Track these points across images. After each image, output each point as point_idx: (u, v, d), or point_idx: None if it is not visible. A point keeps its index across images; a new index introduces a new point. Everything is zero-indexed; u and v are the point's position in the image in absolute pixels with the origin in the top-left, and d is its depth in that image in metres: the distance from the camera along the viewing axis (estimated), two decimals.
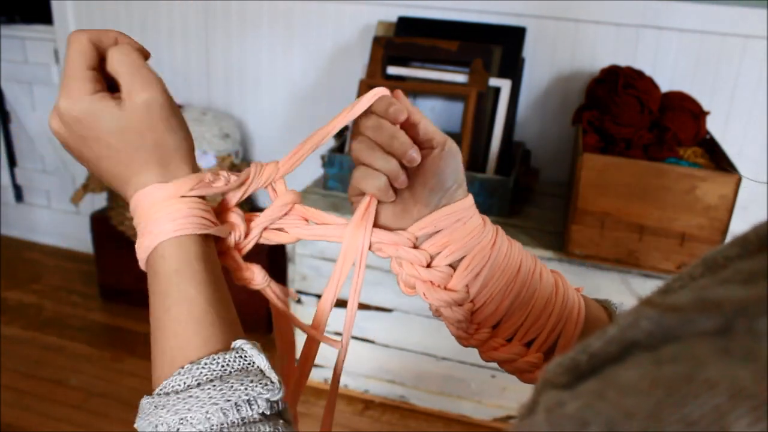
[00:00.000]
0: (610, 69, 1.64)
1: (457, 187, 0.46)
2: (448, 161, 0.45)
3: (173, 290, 0.41)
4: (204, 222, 0.42)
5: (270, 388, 0.38)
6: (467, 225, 0.46)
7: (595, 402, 0.20)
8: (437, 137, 0.45)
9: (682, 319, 0.21)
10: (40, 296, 2.30)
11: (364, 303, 1.69)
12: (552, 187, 1.90)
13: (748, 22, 1.68)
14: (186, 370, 0.38)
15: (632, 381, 0.20)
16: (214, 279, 0.42)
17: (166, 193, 0.42)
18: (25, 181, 2.62)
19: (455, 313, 0.46)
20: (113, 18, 2.23)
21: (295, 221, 0.47)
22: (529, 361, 0.47)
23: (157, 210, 0.42)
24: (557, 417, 0.21)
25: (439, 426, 1.75)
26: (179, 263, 0.41)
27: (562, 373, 0.23)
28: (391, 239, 0.46)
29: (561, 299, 0.47)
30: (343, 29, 2.00)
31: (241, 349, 0.40)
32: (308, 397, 1.82)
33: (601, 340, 0.23)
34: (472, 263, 0.45)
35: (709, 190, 1.32)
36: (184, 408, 0.37)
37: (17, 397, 1.81)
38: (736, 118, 1.77)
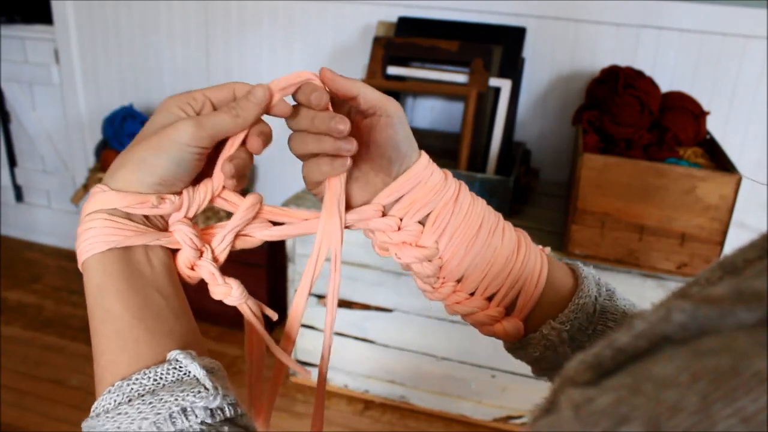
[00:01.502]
0: (610, 69, 1.64)
1: (412, 150, 0.47)
2: (397, 128, 0.45)
3: (97, 307, 0.41)
4: (128, 236, 0.42)
5: (204, 395, 0.37)
6: (428, 183, 0.47)
7: (630, 397, 0.19)
8: (379, 104, 0.45)
9: (720, 312, 0.20)
10: (40, 296, 2.30)
11: (364, 303, 1.70)
12: (552, 187, 1.90)
13: (748, 22, 1.68)
14: (116, 387, 0.37)
15: (670, 374, 0.19)
16: (145, 292, 0.41)
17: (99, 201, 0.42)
18: (25, 181, 2.62)
19: (426, 268, 0.48)
20: (113, 18, 2.23)
21: (265, 224, 0.48)
22: (489, 315, 0.49)
23: (89, 221, 0.42)
24: (587, 414, 0.20)
25: (439, 426, 1.75)
26: (101, 280, 0.41)
27: (584, 371, 0.23)
28: (360, 216, 0.47)
29: (522, 257, 0.48)
30: (343, 29, 2.00)
31: (175, 360, 0.39)
32: (308, 397, 1.82)
33: (629, 335, 0.23)
34: (438, 218, 0.47)
35: (709, 190, 1.32)
36: (114, 426, 0.36)
37: (17, 397, 1.81)
38: (736, 118, 1.77)
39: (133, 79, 2.28)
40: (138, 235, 0.43)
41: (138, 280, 0.42)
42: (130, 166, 0.42)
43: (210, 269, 0.46)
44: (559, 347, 0.48)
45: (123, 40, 2.25)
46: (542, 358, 0.49)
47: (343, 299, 1.71)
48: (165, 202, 0.43)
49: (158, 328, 0.41)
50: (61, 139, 2.47)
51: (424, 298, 1.61)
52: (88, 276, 0.42)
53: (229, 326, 2.02)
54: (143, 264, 0.43)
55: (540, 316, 0.49)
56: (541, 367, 0.52)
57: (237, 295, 0.47)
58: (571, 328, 0.48)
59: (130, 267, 0.42)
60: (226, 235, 0.47)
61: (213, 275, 0.46)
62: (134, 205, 0.42)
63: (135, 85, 2.28)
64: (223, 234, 0.47)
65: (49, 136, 2.49)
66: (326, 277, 0.51)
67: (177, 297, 0.44)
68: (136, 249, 0.43)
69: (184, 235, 0.45)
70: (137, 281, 0.42)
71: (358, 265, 1.66)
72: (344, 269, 1.68)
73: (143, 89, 2.27)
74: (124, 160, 0.43)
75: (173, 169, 0.43)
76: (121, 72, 2.29)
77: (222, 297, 0.47)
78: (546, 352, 0.49)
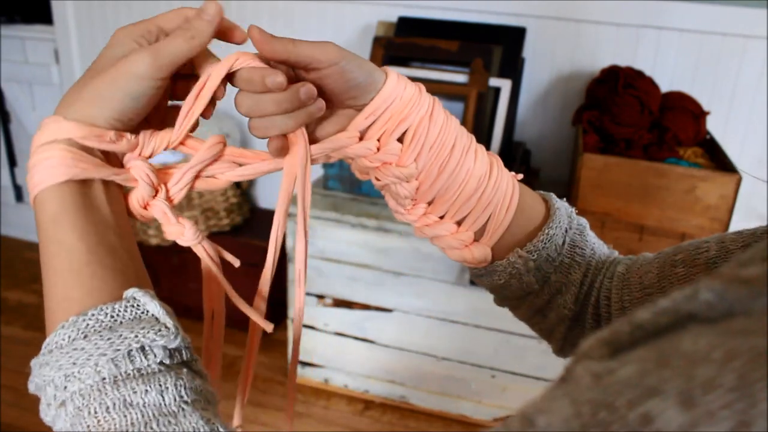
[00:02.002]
0: (610, 69, 1.64)
1: (376, 76, 0.44)
2: (350, 70, 0.42)
3: (51, 241, 0.38)
4: (86, 168, 0.40)
5: (164, 334, 0.35)
6: (403, 98, 0.44)
7: (658, 370, 0.19)
8: (317, 57, 0.41)
9: (752, 293, 0.20)
10: (40, 296, 2.28)
11: (364, 303, 1.70)
12: (552, 187, 1.88)
13: (748, 22, 1.68)
14: (70, 323, 0.35)
15: (702, 350, 0.18)
16: (102, 228, 0.39)
17: (53, 130, 0.40)
18: (25, 181, 2.62)
19: (404, 188, 0.46)
20: (113, 18, 2.23)
21: (227, 165, 0.45)
22: (459, 239, 0.48)
23: (37, 148, 0.40)
24: (609, 383, 0.19)
25: (439, 426, 1.75)
26: (56, 212, 0.38)
27: (599, 347, 0.22)
28: (335, 144, 0.44)
29: (493, 181, 0.47)
30: (343, 29, 2.00)
31: (132, 298, 0.37)
32: (308, 397, 1.82)
33: (650, 312, 0.22)
34: (416, 135, 0.45)
35: (709, 190, 1.32)
36: (69, 362, 0.34)
37: (17, 397, 1.81)
38: (736, 118, 1.77)
39: None
40: (97, 168, 0.40)
41: (95, 215, 0.40)
42: (86, 100, 0.40)
43: (162, 208, 0.43)
44: (525, 276, 0.48)
45: None
46: (506, 286, 0.49)
47: (343, 299, 1.71)
48: (122, 139, 0.41)
49: (114, 266, 0.39)
50: None
51: (424, 298, 1.61)
52: (41, 209, 0.39)
53: (229, 326, 2.01)
54: (100, 200, 0.40)
55: (508, 244, 0.49)
56: (504, 295, 0.52)
57: (190, 235, 0.44)
58: (538, 258, 0.48)
59: (87, 201, 0.40)
60: (184, 174, 0.44)
61: (165, 214, 0.43)
62: (91, 138, 0.40)
63: None
64: (182, 173, 0.44)
65: None
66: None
67: (130, 237, 0.42)
68: (93, 184, 0.40)
69: (141, 171, 0.42)
70: (94, 216, 0.39)
71: (358, 265, 1.66)
72: (344, 269, 1.68)
73: None
74: (79, 94, 0.40)
75: (130, 103, 0.40)
76: None
77: (175, 237, 0.44)
78: (511, 280, 0.49)
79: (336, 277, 1.69)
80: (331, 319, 1.74)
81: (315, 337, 1.76)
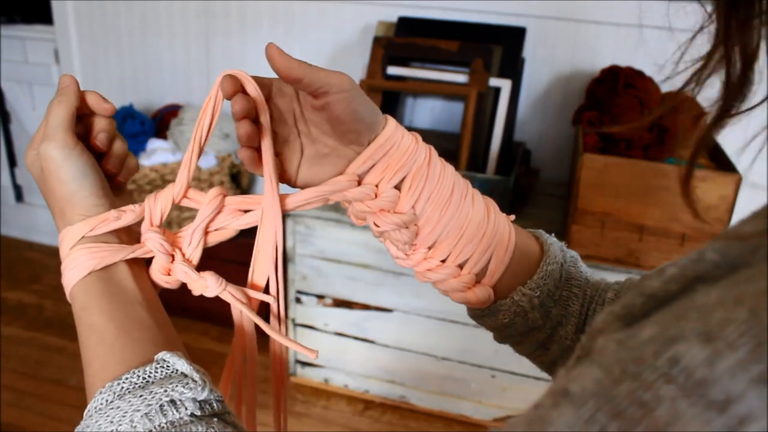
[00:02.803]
0: (610, 69, 1.64)
1: (377, 117, 0.46)
2: (357, 100, 0.43)
3: (83, 326, 0.43)
4: (104, 256, 0.44)
5: (192, 387, 0.38)
6: (401, 146, 0.46)
7: (676, 322, 0.20)
8: (329, 81, 0.43)
9: (750, 246, 0.22)
10: (40, 296, 2.30)
11: (364, 303, 1.70)
12: (552, 187, 1.90)
13: None
14: (107, 388, 0.38)
15: (713, 300, 0.20)
16: (128, 305, 0.43)
17: (69, 238, 0.45)
18: (25, 181, 2.62)
19: (403, 235, 0.47)
20: (113, 18, 2.23)
21: (234, 213, 0.47)
22: (462, 281, 0.49)
23: (63, 258, 0.45)
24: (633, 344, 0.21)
25: (439, 426, 1.75)
26: (84, 301, 0.43)
27: (613, 321, 0.24)
28: (334, 187, 0.45)
29: (492, 223, 0.48)
30: (343, 29, 2.00)
31: (162, 360, 0.40)
32: (308, 397, 1.82)
33: (660, 281, 0.23)
34: (413, 183, 0.46)
35: (709, 190, 1.32)
36: (107, 421, 0.37)
37: (17, 397, 1.81)
38: (736, 118, 1.77)
39: (133, 79, 2.28)
40: (113, 252, 0.44)
41: (120, 295, 0.43)
42: (65, 206, 0.45)
43: (183, 269, 0.46)
44: (530, 313, 0.49)
45: (123, 40, 2.25)
46: (510, 324, 0.50)
47: (343, 299, 1.71)
48: (125, 212, 0.46)
49: (142, 336, 0.42)
50: None
51: (424, 298, 1.61)
52: (74, 302, 0.44)
53: (229, 326, 2.01)
54: (125, 279, 0.45)
55: (508, 283, 0.49)
56: (507, 334, 0.52)
57: (213, 286, 0.46)
58: (541, 294, 0.49)
59: (111, 285, 0.44)
60: (193, 233, 0.47)
61: (187, 274, 0.46)
62: (99, 226, 0.45)
63: (135, 85, 2.28)
64: (190, 233, 0.47)
65: None
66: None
67: (158, 308, 0.45)
68: (116, 267, 0.45)
69: (155, 243, 0.46)
70: (119, 296, 0.43)
71: (358, 265, 1.66)
72: (344, 269, 1.68)
73: (143, 89, 2.27)
74: (58, 208, 0.46)
75: (85, 180, 0.45)
76: (121, 72, 2.29)
77: (201, 291, 0.47)
78: (515, 318, 0.49)
79: (336, 277, 1.69)
80: (331, 319, 1.74)
81: (315, 337, 1.76)
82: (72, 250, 0.44)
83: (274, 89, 0.46)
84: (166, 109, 2.21)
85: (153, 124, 2.13)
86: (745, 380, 0.18)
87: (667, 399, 0.19)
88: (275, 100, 0.46)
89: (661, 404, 0.19)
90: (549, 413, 0.21)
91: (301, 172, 0.47)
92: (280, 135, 0.47)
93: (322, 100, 0.43)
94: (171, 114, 2.16)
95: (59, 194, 0.45)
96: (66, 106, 0.45)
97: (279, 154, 0.47)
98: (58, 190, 0.45)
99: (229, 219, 0.47)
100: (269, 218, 0.46)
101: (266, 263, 0.48)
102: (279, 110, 0.47)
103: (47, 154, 0.44)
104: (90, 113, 0.48)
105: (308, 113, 0.46)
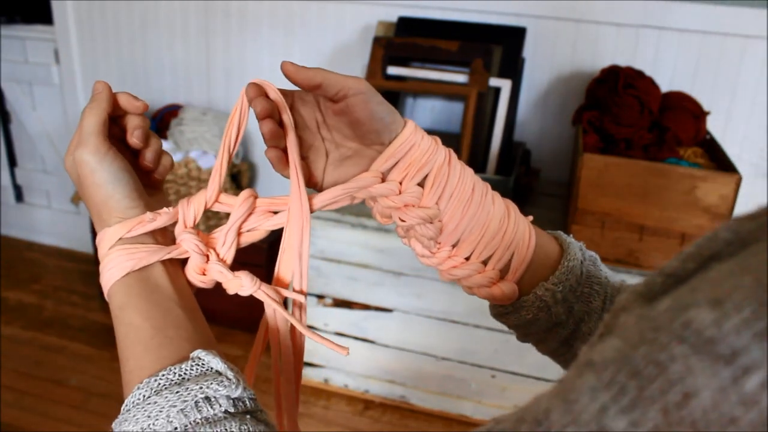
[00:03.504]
0: (610, 69, 1.64)
1: (396, 117, 0.48)
2: (374, 101, 0.46)
3: (121, 324, 0.44)
4: (142, 257, 0.46)
5: (227, 384, 0.39)
6: (421, 146, 0.48)
7: (690, 294, 0.22)
8: (346, 84, 0.46)
9: (759, 223, 0.24)
10: (40, 296, 2.30)
11: (364, 303, 1.70)
12: (552, 187, 1.90)
13: (748, 22, 1.68)
14: (144, 384, 0.40)
15: (724, 273, 0.22)
16: (164, 305, 0.45)
17: (107, 239, 0.46)
18: (25, 181, 2.62)
19: (428, 230, 0.48)
20: (113, 18, 2.23)
21: (265, 215, 0.49)
22: (487, 276, 0.50)
23: (102, 259, 0.46)
24: (651, 315, 0.23)
25: (439, 426, 1.75)
26: (122, 301, 0.45)
27: (635, 299, 0.26)
28: (360, 184, 0.48)
29: (513, 221, 0.50)
30: (343, 29, 2.00)
31: (197, 358, 0.41)
32: (308, 397, 1.82)
33: (678, 260, 0.26)
34: (436, 180, 0.48)
35: (709, 190, 1.32)
36: (144, 416, 0.38)
37: (17, 397, 1.81)
38: (736, 118, 1.77)
39: (133, 79, 2.28)
40: (150, 253, 0.46)
41: (156, 294, 0.45)
42: (103, 210, 0.47)
43: (218, 269, 0.48)
44: (553, 307, 0.50)
45: (123, 40, 2.25)
46: (534, 321, 0.51)
47: (343, 299, 1.71)
48: (160, 215, 0.47)
49: (178, 335, 0.43)
50: (61, 139, 2.47)
51: (424, 298, 1.61)
52: (111, 301, 0.45)
53: (229, 326, 2.02)
54: (161, 279, 0.46)
55: (530, 280, 0.50)
56: (529, 331, 0.53)
57: (248, 285, 0.47)
58: (563, 289, 0.50)
59: (149, 285, 0.45)
60: (226, 234, 0.49)
61: (222, 273, 0.48)
62: (135, 228, 0.46)
63: (135, 85, 2.28)
64: (224, 234, 0.49)
65: (49, 136, 2.49)
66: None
67: (194, 307, 0.47)
68: (153, 267, 0.46)
69: (190, 243, 0.47)
70: (156, 296, 0.45)
71: (358, 265, 1.66)
72: (344, 269, 1.68)
73: (143, 89, 2.27)
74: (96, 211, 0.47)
75: (114, 182, 0.46)
76: (121, 72, 2.29)
77: (236, 290, 0.48)
78: (539, 314, 0.50)
79: (336, 277, 1.69)
80: (331, 319, 1.74)
81: None
82: (110, 251, 0.46)
83: (296, 99, 0.49)
84: (166, 109, 2.21)
85: (153, 124, 2.13)
86: (749, 335, 0.19)
87: (680, 357, 0.21)
88: (298, 109, 0.49)
89: (675, 362, 0.21)
90: (573, 382, 0.23)
91: (327, 174, 0.50)
92: (305, 141, 0.50)
93: (341, 103, 0.46)
94: (171, 114, 2.16)
95: (95, 198, 0.47)
96: (97, 112, 0.46)
97: (305, 158, 0.50)
98: (94, 193, 0.46)
99: (261, 220, 0.49)
100: (295, 217, 0.48)
101: (291, 261, 0.49)
102: (302, 118, 0.50)
103: (81, 159, 0.46)
104: (123, 113, 0.49)
105: (330, 119, 0.49)
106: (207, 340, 0.45)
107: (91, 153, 0.45)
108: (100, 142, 0.46)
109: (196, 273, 0.48)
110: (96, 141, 0.46)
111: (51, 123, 2.47)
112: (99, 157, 0.45)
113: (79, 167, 0.46)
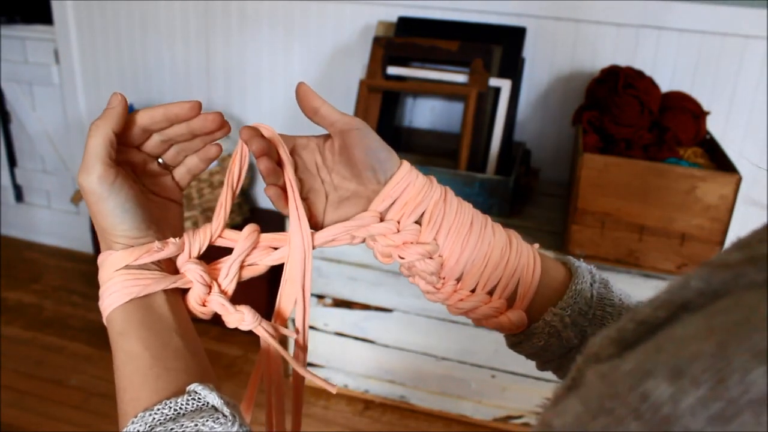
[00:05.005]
0: (610, 69, 1.64)
1: (392, 156, 0.49)
2: (370, 137, 0.48)
3: (120, 351, 0.44)
4: (146, 284, 0.45)
5: (222, 422, 0.39)
6: (416, 185, 0.49)
7: (653, 356, 0.21)
8: (343, 119, 0.48)
9: (732, 274, 0.22)
10: (40, 296, 2.30)
11: (364, 303, 1.70)
12: (552, 187, 1.90)
13: (748, 22, 1.68)
14: (138, 418, 0.39)
15: (690, 333, 0.21)
16: (164, 334, 0.44)
17: (111, 264, 0.46)
18: (25, 181, 2.62)
19: (429, 265, 0.49)
20: (113, 18, 2.23)
21: (266, 251, 0.50)
22: (494, 307, 0.50)
23: (103, 283, 0.46)
24: (613, 378, 0.22)
25: (439, 426, 1.75)
26: (122, 327, 0.44)
27: (608, 345, 0.25)
28: (360, 223, 0.49)
29: (515, 249, 0.50)
30: (343, 29, 2.00)
31: (193, 392, 0.41)
32: (308, 397, 1.82)
33: (650, 307, 0.25)
34: (432, 215, 0.49)
35: (709, 190, 1.32)
36: None
37: (17, 397, 1.81)
38: (736, 118, 1.77)
39: (133, 79, 2.28)
40: (155, 281, 0.46)
41: (158, 323, 0.45)
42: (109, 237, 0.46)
43: (220, 301, 0.48)
44: (563, 332, 0.49)
45: (123, 40, 2.25)
46: (546, 348, 0.50)
47: (343, 299, 1.71)
48: (168, 244, 0.47)
49: (177, 366, 0.43)
50: (61, 139, 2.47)
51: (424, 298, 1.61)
52: (110, 326, 0.45)
53: (227, 327, 2.02)
54: (162, 307, 0.46)
55: (539, 307, 0.50)
56: (545, 358, 0.53)
57: (250, 320, 0.48)
58: (572, 313, 0.49)
59: (150, 312, 0.45)
60: (230, 267, 0.49)
61: (224, 306, 0.48)
62: (142, 256, 0.46)
63: (135, 85, 2.28)
64: (228, 267, 0.49)
65: (49, 136, 2.49)
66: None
67: (193, 337, 0.47)
68: (155, 294, 0.46)
69: (195, 274, 0.48)
70: (157, 325, 0.45)
71: (358, 265, 1.66)
72: (344, 269, 1.68)
73: (143, 89, 2.27)
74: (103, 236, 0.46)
75: (121, 213, 0.45)
76: (121, 72, 2.29)
77: (236, 324, 0.49)
78: (550, 340, 0.50)
79: (336, 277, 1.69)
80: (331, 319, 1.74)
81: (315, 337, 1.76)
82: (115, 274, 0.45)
83: (298, 144, 0.51)
84: None
85: None
86: (703, 418, 0.19)
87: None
88: (299, 152, 0.51)
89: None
90: None
91: (327, 215, 0.51)
92: (305, 183, 0.51)
93: (340, 139, 0.48)
94: None
95: (102, 223, 0.46)
96: (103, 131, 0.44)
97: (305, 200, 0.51)
98: (101, 219, 0.45)
99: (262, 255, 0.50)
100: (297, 249, 0.49)
101: (292, 295, 0.50)
102: (302, 160, 0.51)
103: (86, 187, 0.44)
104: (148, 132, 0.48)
105: (329, 162, 0.51)
106: (205, 371, 0.45)
107: (96, 183, 0.43)
108: (105, 171, 0.43)
109: (197, 303, 0.48)
110: (101, 169, 0.43)
111: (51, 123, 2.47)
112: (105, 187, 0.44)
113: (83, 194, 0.44)
